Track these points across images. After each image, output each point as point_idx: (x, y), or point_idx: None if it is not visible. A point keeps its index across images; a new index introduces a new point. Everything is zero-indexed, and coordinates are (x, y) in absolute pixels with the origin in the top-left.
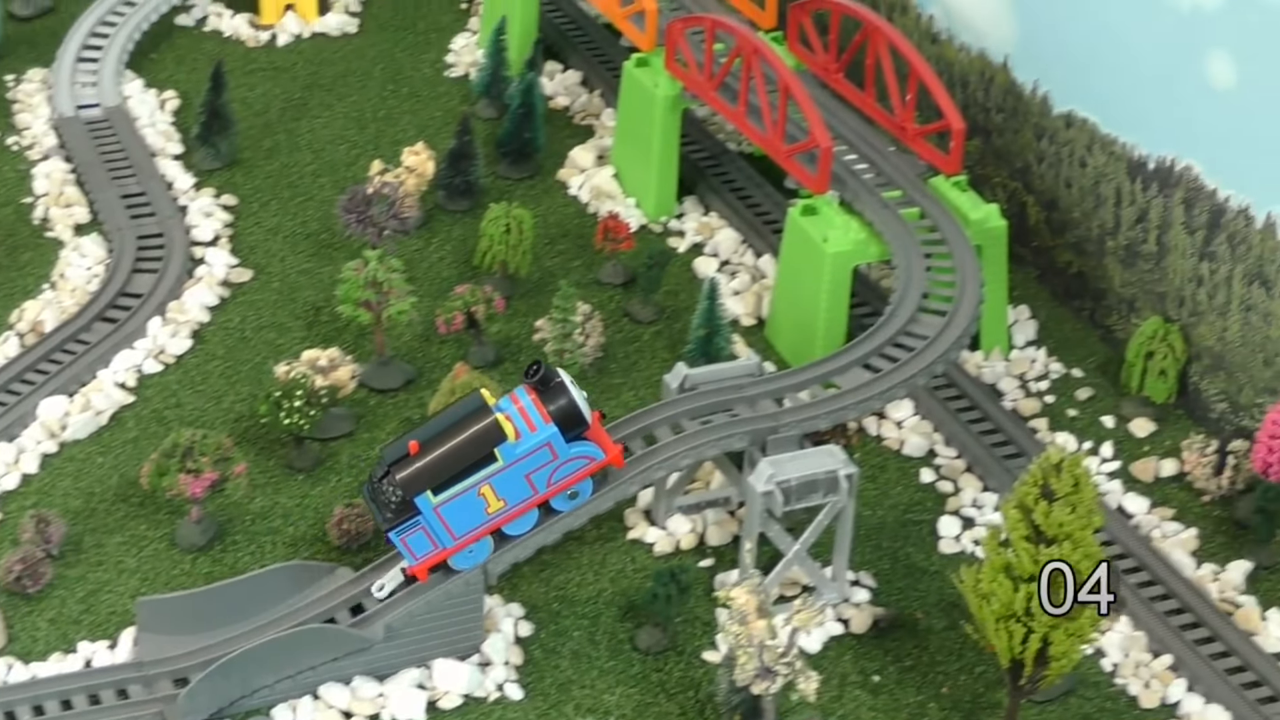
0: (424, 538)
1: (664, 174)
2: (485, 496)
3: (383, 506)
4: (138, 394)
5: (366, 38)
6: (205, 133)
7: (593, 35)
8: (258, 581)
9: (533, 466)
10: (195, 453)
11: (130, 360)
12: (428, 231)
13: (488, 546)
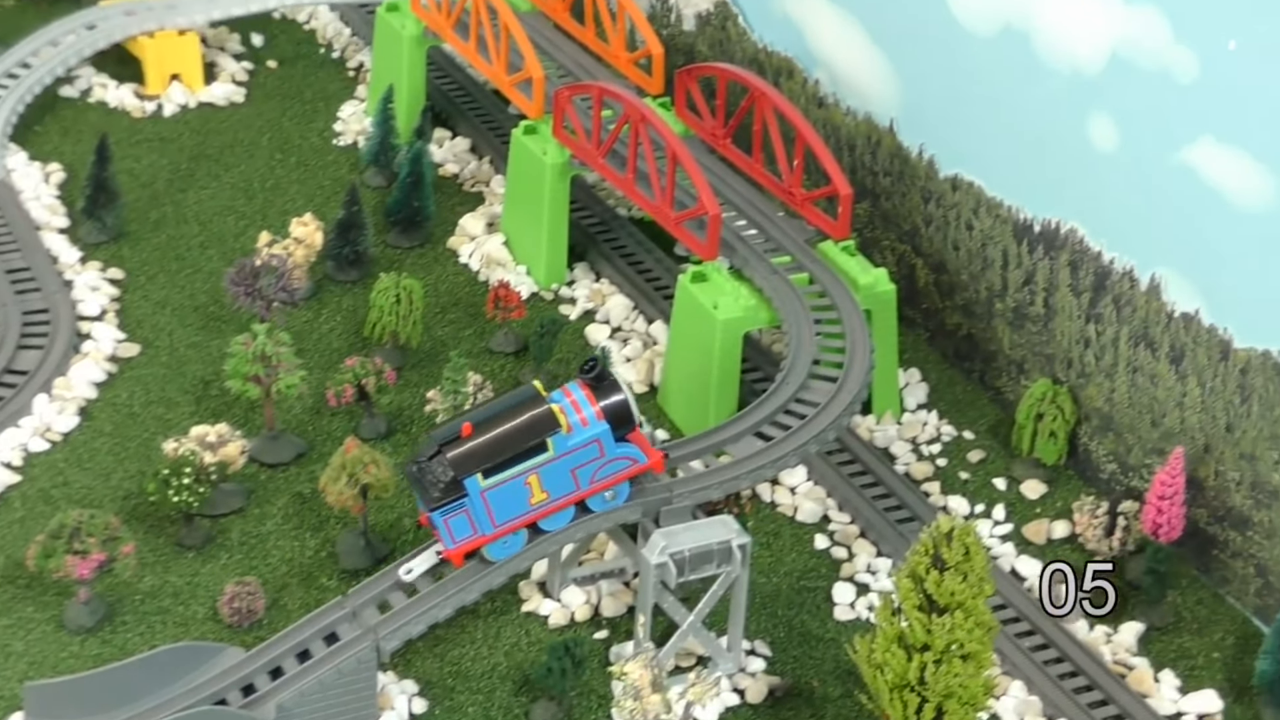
0: (466, 522)
1: (554, 241)
2: (530, 486)
3: (430, 485)
4: (24, 473)
5: (254, 107)
6: (91, 206)
7: (481, 102)
8: (147, 663)
9: (580, 461)
10: (82, 533)
11: (16, 439)
12: (317, 302)
13: (522, 540)
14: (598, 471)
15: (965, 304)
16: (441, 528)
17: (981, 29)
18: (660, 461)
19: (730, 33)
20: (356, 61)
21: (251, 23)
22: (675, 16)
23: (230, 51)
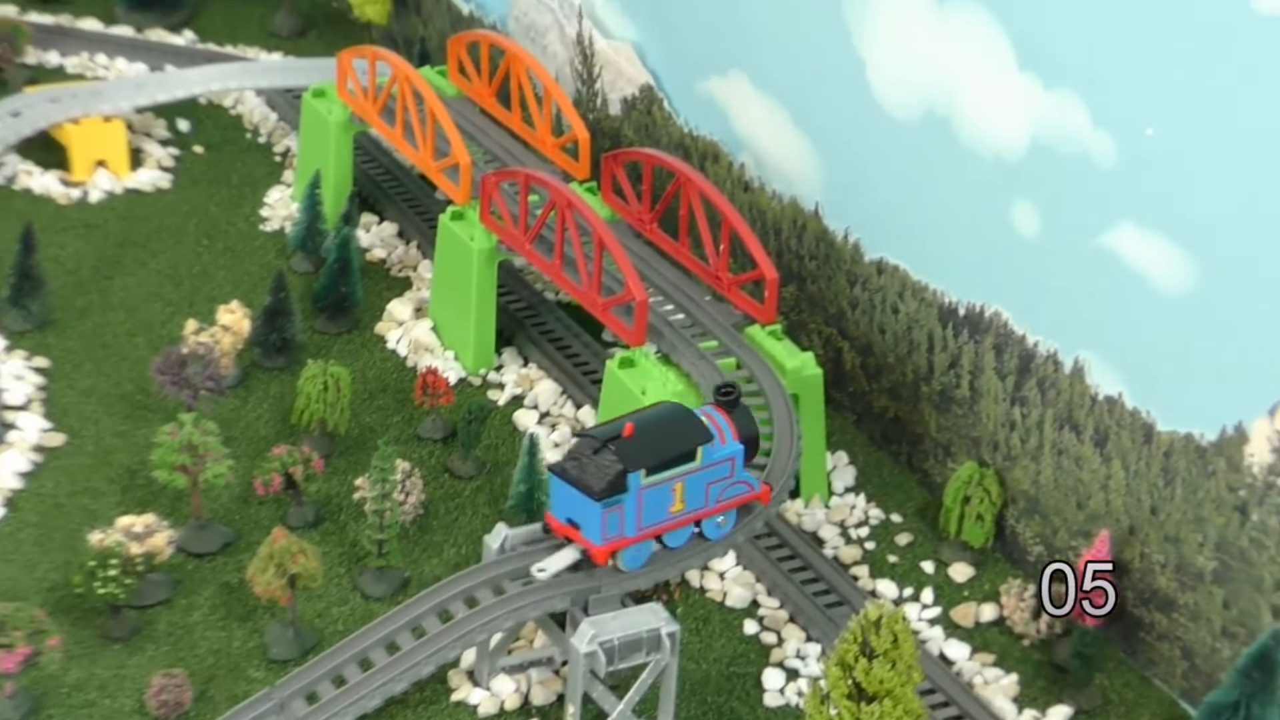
0: (618, 519)
1: (482, 326)
2: (675, 493)
3: (595, 478)
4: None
5: (181, 193)
6: (15, 294)
7: (408, 186)
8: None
9: (715, 477)
10: (7, 626)
11: None
12: (244, 390)
13: (648, 552)
14: (723, 491)
15: (892, 387)
16: (599, 523)
17: (904, 114)
18: (767, 494)
19: (656, 117)
20: (283, 146)
21: (178, 108)
22: (601, 101)
23: (156, 137)
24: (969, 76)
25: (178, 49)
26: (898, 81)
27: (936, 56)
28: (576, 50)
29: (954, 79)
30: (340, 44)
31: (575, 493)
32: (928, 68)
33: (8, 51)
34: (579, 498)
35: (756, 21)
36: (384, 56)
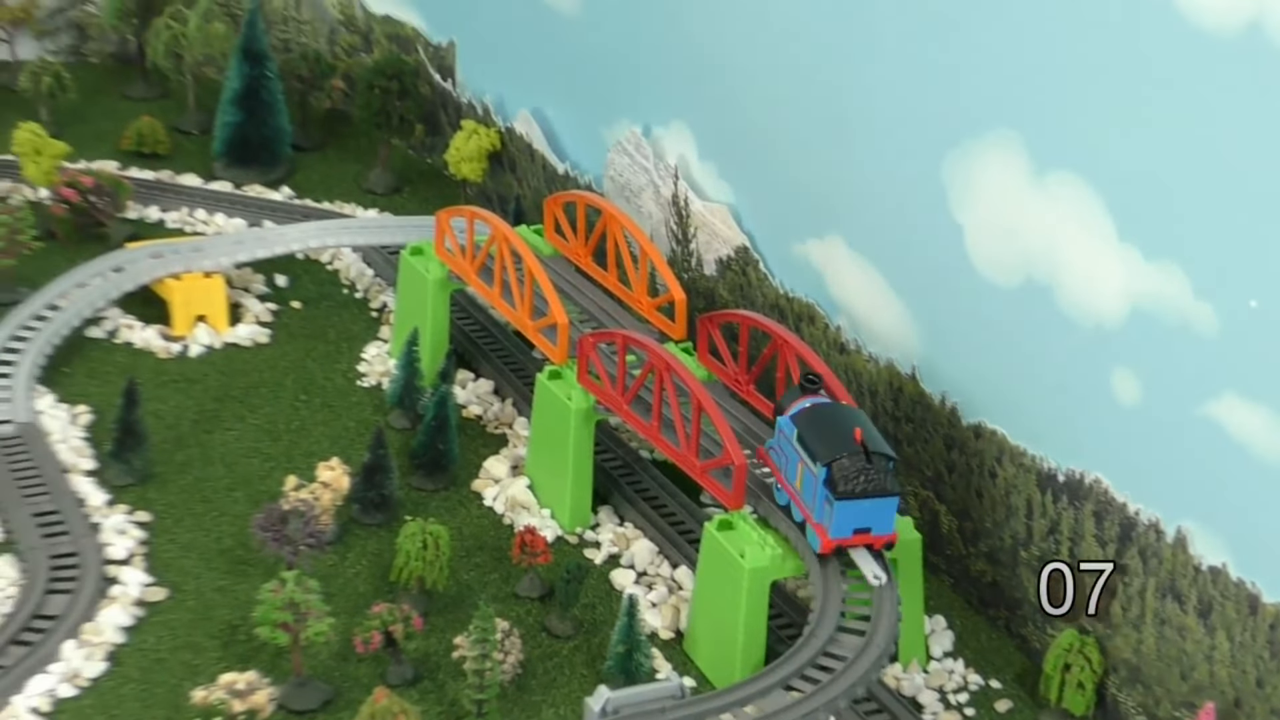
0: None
1: (579, 485)
2: None
3: (887, 481)
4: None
5: (278, 348)
6: (118, 449)
7: (504, 343)
8: None
9: None
10: None
11: (44, 685)
12: (343, 546)
13: None
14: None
15: (990, 551)
16: (892, 511)
17: (1003, 281)
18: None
19: (751, 278)
20: (380, 302)
21: (276, 264)
22: (696, 261)
23: (255, 292)
24: (1068, 245)
25: (275, 204)
26: (996, 247)
27: (1035, 224)
28: (672, 210)
29: (1053, 247)
30: (434, 200)
31: (866, 503)
32: (1026, 235)
33: (109, 206)
34: (870, 505)
35: (854, 186)
36: (482, 216)
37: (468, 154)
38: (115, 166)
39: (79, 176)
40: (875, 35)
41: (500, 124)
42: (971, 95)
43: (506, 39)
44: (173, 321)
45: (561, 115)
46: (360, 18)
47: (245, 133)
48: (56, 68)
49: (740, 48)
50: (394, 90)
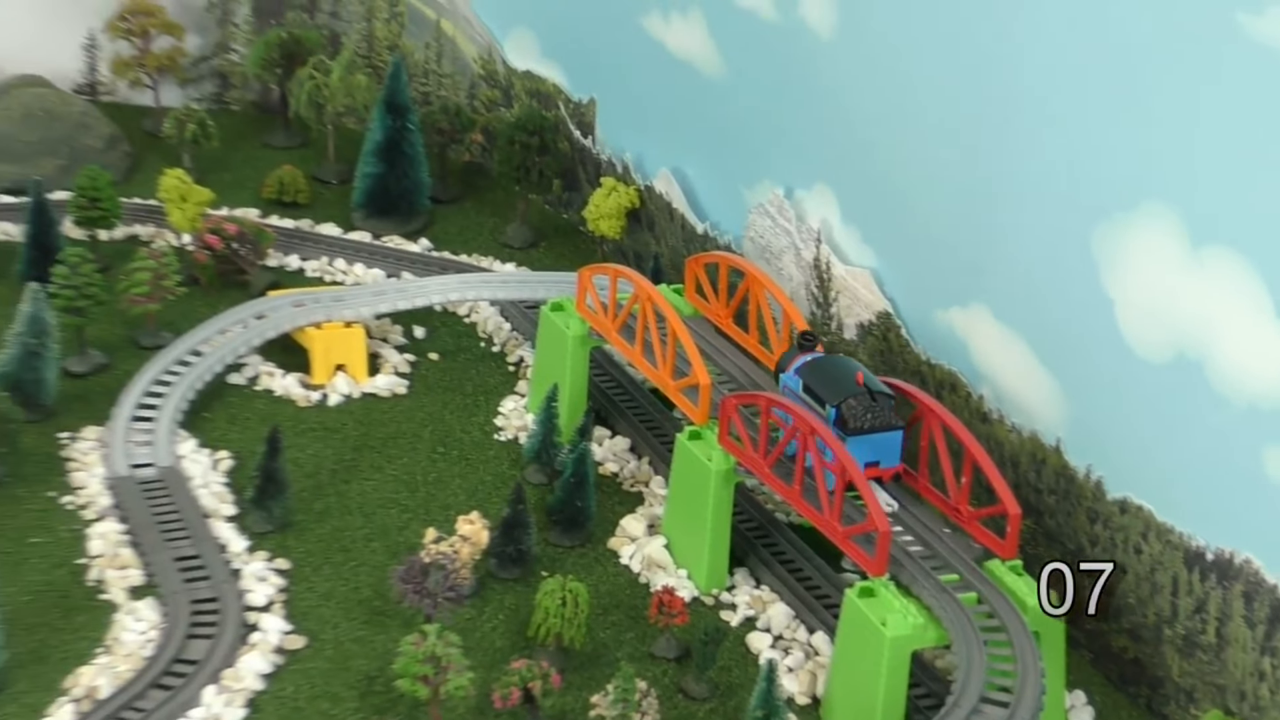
0: None
1: (716, 546)
2: None
3: (891, 415)
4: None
5: (416, 399)
6: (259, 496)
7: (640, 401)
8: None
9: None
10: None
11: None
12: (480, 600)
13: None
14: None
15: (1132, 628)
16: (898, 445)
17: (1154, 355)
18: None
19: (892, 343)
20: (516, 356)
21: (414, 315)
22: (837, 325)
23: (393, 343)
24: (1223, 321)
25: (413, 256)
26: (1147, 322)
27: (1189, 299)
28: (813, 274)
29: (1207, 323)
30: (570, 256)
31: (873, 438)
32: (1179, 310)
33: (252, 254)
34: (877, 439)
35: (1000, 254)
36: (626, 274)
37: (606, 211)
38: (256, 214)
39: (223, 224)
40: (1025, 101)
41: (640, 182)
42: (1124, 166)
43: (648, 98)
44: (313, 370)
45: (702, 175)
46: (501, 72)
47: (385, 184)
48: (200, 115)
49: (886, 111)
50: (534, 145)
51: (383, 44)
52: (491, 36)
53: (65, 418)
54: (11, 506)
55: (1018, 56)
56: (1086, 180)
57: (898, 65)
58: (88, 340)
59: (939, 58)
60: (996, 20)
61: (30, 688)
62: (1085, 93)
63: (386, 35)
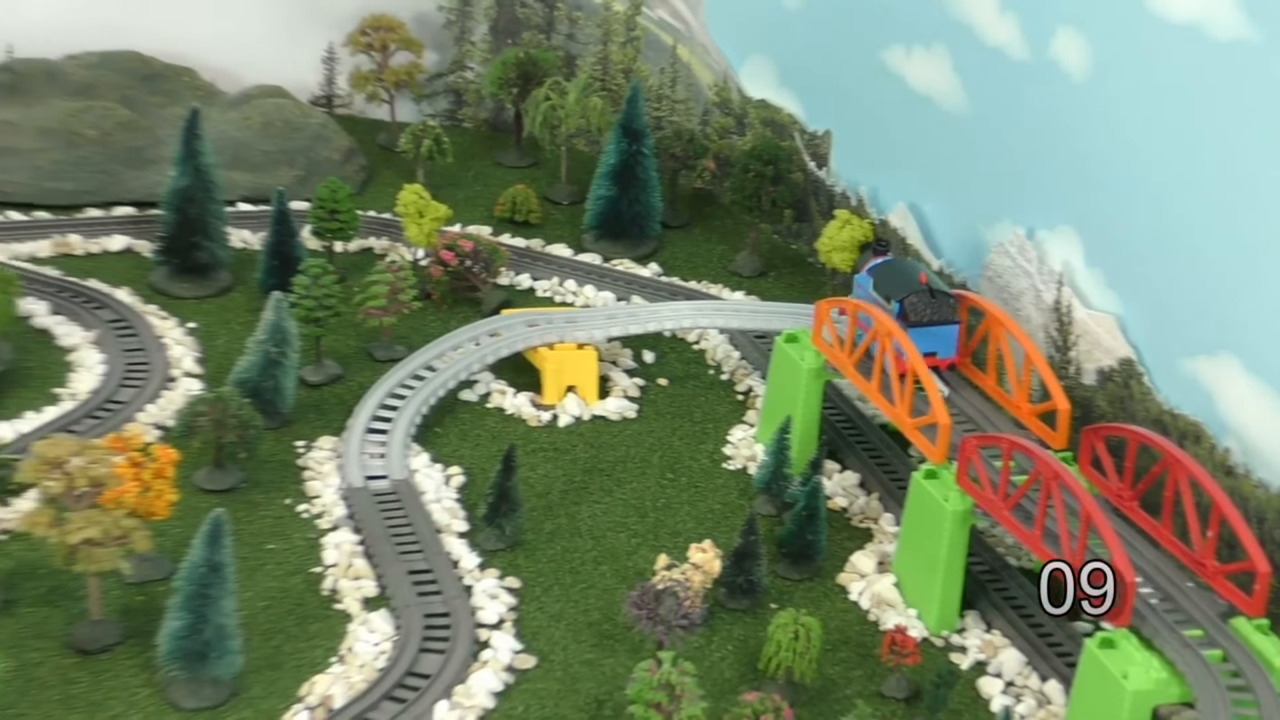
0: None
1: (949, 587)
2: None
3: (949, 309)
4: None
5: (645, 424)
6: (492, 514)
7: (870, 438)
8: None
9: None
10: None
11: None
12: (709, 629)
13: None
14: None
15: None
16: (954, 337)
17: None
18: None
19: (1134, 391)
20: (745, 385)
21: (644, 339)
22: (1075, 370)
23: (623, 367)
24: None
25: (643, 280)
26: None
27: None
28: (1053, 317)
29: None
30: (799, 287)
31: (932, 330)
32: None
33: (484, 271)
34: (935, 331)
35: (1254, 306)
36: (865, 309)
37: (839, 244)
38: (488, 232)
39: (458, 240)
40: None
41: (874, 215)
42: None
43: (885, 131)
44: (544, 390)
45: (939, 211)
46: (736, 100)
47: (618, 207)
48: (437, 131)
49: (1136, 155)
50: (768, 175)
51: (618, 67)
52: (728, 63)
53: (301, 426)
54: (249, 512)
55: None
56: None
57: (1152, 110)
58: (324, 351)
59: (1196, 104)
60: (1258, 67)
61: (265, 693)
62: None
63: (622, 59)
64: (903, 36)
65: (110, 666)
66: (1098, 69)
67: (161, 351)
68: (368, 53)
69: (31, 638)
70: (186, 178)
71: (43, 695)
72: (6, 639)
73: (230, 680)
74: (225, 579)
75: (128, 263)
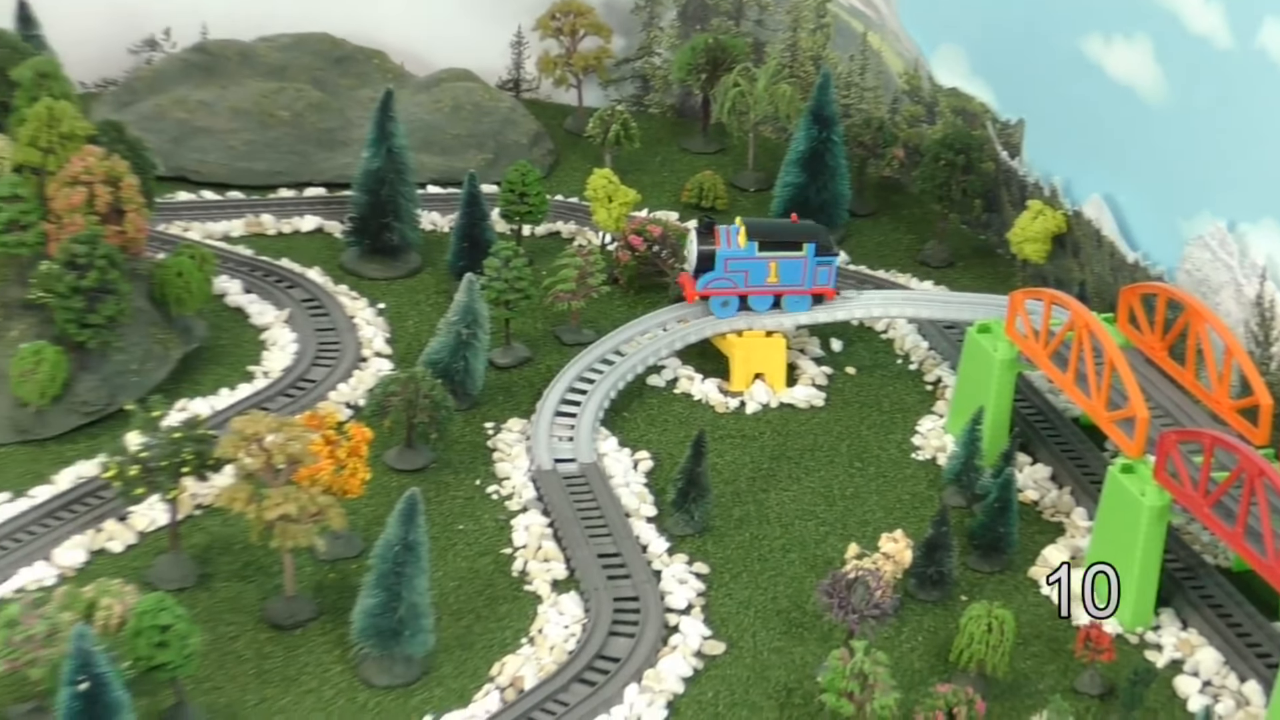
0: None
1: (1144, 584)
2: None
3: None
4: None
5: (832, 412)
6: (681, 499)
7: (1061, 430)
8: None
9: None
10: None
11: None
12: (898, 620)
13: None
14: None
15: None
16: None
17: None
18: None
19: None
20: (934, 375)
21: (832, 328)
22: (1277, 365)
23: (810, 355)
24: None
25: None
26: None
27: None
28: (1254, 311)
29: None
30: (988, 278)
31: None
32: None
33: (671, 257)
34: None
35: None
36: (1062, 301)
37: (1032, 234)
38: (675, 217)
39: (647, 225)
40: None
41: (1068, 206)
42: None
43: (1081, 121)
44: (731, 377)
45: (1136, 203)
46: (926, 88)
47: (806, 195)
48: (624, 116)
49: None
50: (959, 164)
51: (806, 54)
52: (918, 51)
53: (490, 408)
54: (439, 493)
55: None
56: None
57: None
58: (513, 333)
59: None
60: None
61: (455, 673)
62: None
63: (811, 46)
64: (1102, 25)
65: (304, 642)
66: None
67: (353, 331)
68: (556, 37)
69: (227, 612)
70: (379, 159)
71: (238, 669)
72: (203, 613)
73: (422, 659)
74: (419, 557)
75: (318, 243)
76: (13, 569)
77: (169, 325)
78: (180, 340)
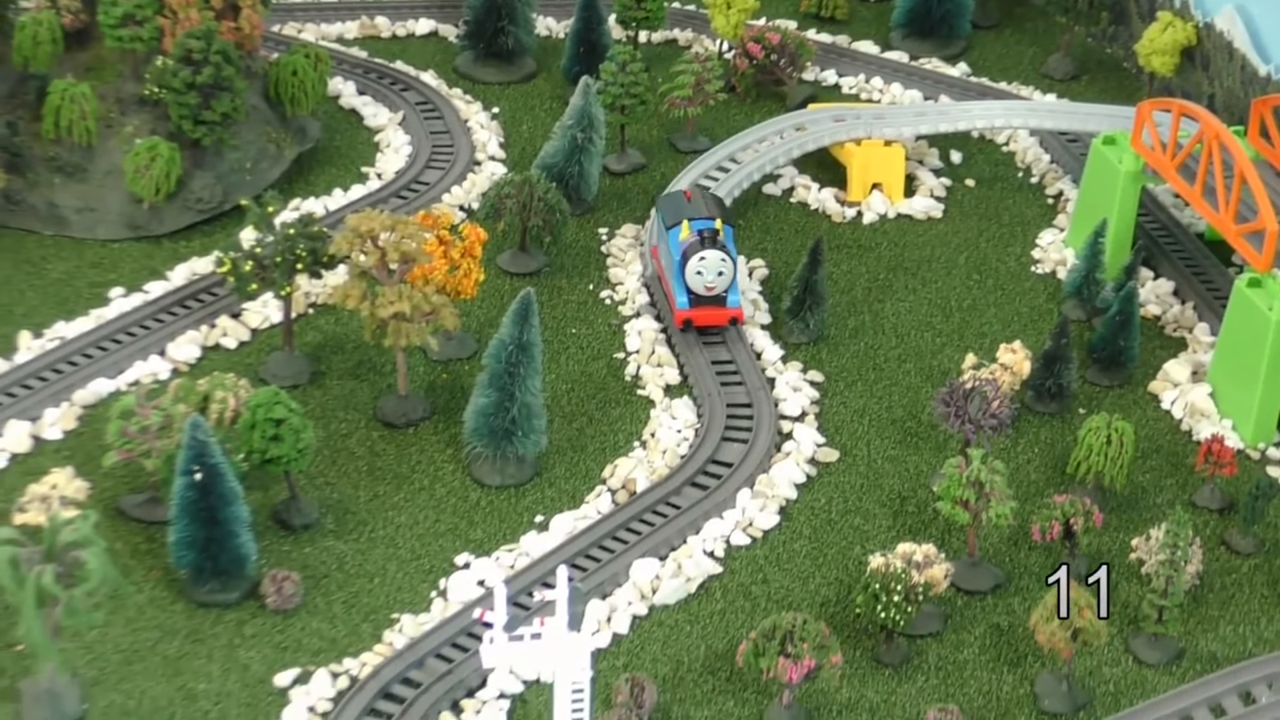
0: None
1: (1268, 399)
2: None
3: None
4: (725, 565)
5: (950, 224)
6: (797, 307)
7: (1186, 245)
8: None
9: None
10: (795, 637)
11: (719, 530)
12: (1015, 431)
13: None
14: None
15: None
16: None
17: None
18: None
19: None
20: (1056, 189)
21: (951, 139)
22: None
23: (929, 166)
24: None
25: (951, 80)
26: None
27: None
28: None
29: None
30: (1112, 91)
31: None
32: None
33: (790, 65)
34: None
35: None
36: (1191, 111)
37: (1160, 47)
38: (793, 26)
39: (766, 33)
40: None
41: (1199, 18)
42: None
43: None
44: (849, 186)
45: (1270, 14)
46: None
47: (928, 5)
48: None
49: None
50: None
51: None
52: None
53: (604, 213)
54: (553, 297)
55: None
56: None
57: None
58: (628, 139)
59: None
60: None
61: (567, 474)
62: None
63: None
64: None
65: (415, 440)
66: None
67: (467, 135)
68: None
69: (340, 409)
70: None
71: (350, 465)
72: (315, 410)
73: (534, 459)
74: (533, 358)
75: (433, 46)
76: (128, 362)
77: (284, 125)
78: (295, 140)
